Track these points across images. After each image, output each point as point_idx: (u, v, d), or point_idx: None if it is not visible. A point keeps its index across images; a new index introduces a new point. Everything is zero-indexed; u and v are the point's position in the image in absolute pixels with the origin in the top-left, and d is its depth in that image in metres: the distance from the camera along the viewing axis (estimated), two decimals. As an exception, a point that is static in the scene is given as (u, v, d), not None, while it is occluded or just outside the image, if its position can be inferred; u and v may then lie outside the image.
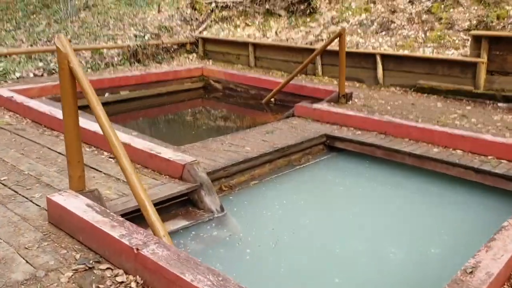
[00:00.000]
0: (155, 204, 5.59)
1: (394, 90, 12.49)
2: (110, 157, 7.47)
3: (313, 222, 6.70)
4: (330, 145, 9.42)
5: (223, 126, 11.60)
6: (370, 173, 8.58)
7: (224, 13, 17.12)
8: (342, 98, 11.28)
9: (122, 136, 7.61)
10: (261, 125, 9.98)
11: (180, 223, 6.17)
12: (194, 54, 16.73)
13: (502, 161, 7.97)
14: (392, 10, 14.06)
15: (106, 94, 12.81)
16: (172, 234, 5.88)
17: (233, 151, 8.04)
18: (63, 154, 7.21)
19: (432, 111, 10.86)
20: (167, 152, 7.10)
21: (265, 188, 7.64)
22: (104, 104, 5.97)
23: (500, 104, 10.96)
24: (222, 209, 6.58)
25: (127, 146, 7.25)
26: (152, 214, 4.79)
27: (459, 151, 8.41)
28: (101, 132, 5.15)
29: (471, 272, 4.16)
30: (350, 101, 11.43)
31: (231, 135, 9.10)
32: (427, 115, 10.38)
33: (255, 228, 6.38)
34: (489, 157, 8.11)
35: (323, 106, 10.49)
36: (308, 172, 8.47)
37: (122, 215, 5.29)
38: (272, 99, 13.47)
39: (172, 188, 6.43)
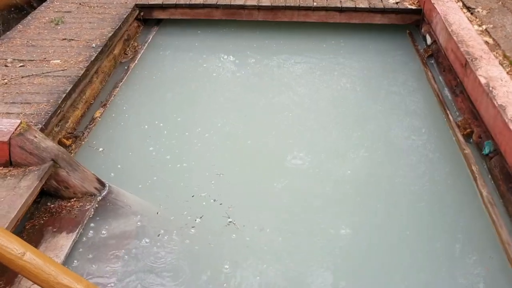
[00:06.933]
0: None
1: None
2: None
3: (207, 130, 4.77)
4: (145, 18, 6.82)
5: None
6: (216, 43, 6.61)
7: None
8: None
9: None
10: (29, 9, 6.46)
11: (52, 249, 3.45)
12: None
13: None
14: None
15: None
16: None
17: (37, 75, 4.88)
18: None
19: None
20: None
21: (116, 117, 5.04)
22: None
23: None
24: (101, 183, 3.99)
25: None
26: None
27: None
28: None
29: None
30: None
31: (2, 39, 5.58)
32: None
33: (166, 192, 4.12)
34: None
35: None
36: (146, 66, 5.99)
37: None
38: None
39: (8, 193, 3.44)
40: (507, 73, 4.56)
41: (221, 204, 3.95)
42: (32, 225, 3.60)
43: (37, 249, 2.17)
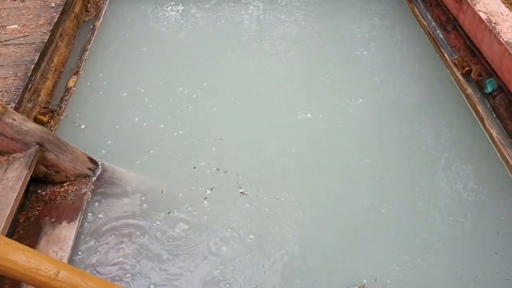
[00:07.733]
0: None
1: None
2: None
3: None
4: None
5: None
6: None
7: None
8: None
9: None
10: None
11: (55, 242, 3.15)
12: None
13: None
14: None
15: None
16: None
17: (8, 42, 4.33)
18: None
19: None
20: None
21: (92, 85, 4.58)
22: None
23: None
24: (93, 162, 3.64)
25: None
26: None
27: None
28: None
29: None
30: None
31: None
32: None
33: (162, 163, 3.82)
34: None
35: None
36: (113, 24, 5.45)
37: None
38: None
39: (-6, 183, 3.06)
40: (506, 5, 4.40)
41: (226, 172, 3.70)
42: (26, 218, 3.26)
43: (69, 265, 1.88)
